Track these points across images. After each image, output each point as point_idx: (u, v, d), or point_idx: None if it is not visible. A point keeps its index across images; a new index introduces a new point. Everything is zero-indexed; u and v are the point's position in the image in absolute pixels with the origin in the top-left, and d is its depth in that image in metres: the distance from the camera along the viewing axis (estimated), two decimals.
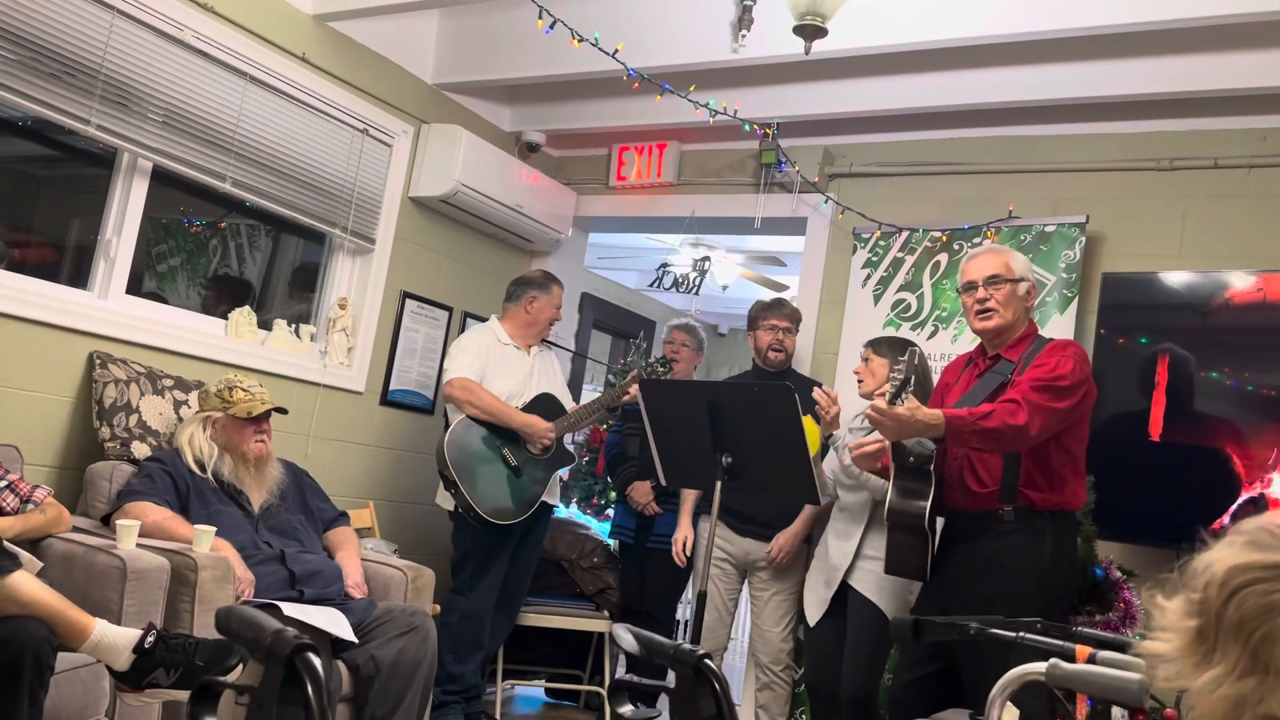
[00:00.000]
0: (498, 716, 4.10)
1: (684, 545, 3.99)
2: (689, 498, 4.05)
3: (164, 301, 3.75)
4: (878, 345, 3.46)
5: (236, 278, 4.18)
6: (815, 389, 3.20)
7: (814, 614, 3.45)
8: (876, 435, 2.99)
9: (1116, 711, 2.22)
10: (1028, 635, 1.85)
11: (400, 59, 4.35)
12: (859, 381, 3.46)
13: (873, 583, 3.27)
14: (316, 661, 1.04)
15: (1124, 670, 1.37)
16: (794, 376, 3.98)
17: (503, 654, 4.24)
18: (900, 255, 4.18)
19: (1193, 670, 0.73)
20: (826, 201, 4.39)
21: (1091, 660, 1.69)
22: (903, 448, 2.90)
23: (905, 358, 2.65)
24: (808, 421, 3.26)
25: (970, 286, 2.91)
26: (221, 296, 4.06)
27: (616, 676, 1.46)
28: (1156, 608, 0.76)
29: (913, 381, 2.61)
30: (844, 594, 3.36)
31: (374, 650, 2.95)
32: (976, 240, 3.98)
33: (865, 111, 4.14)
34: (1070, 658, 1.70)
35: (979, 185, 4.13)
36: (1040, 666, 1.35)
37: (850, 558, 3.33)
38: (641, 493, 4.34)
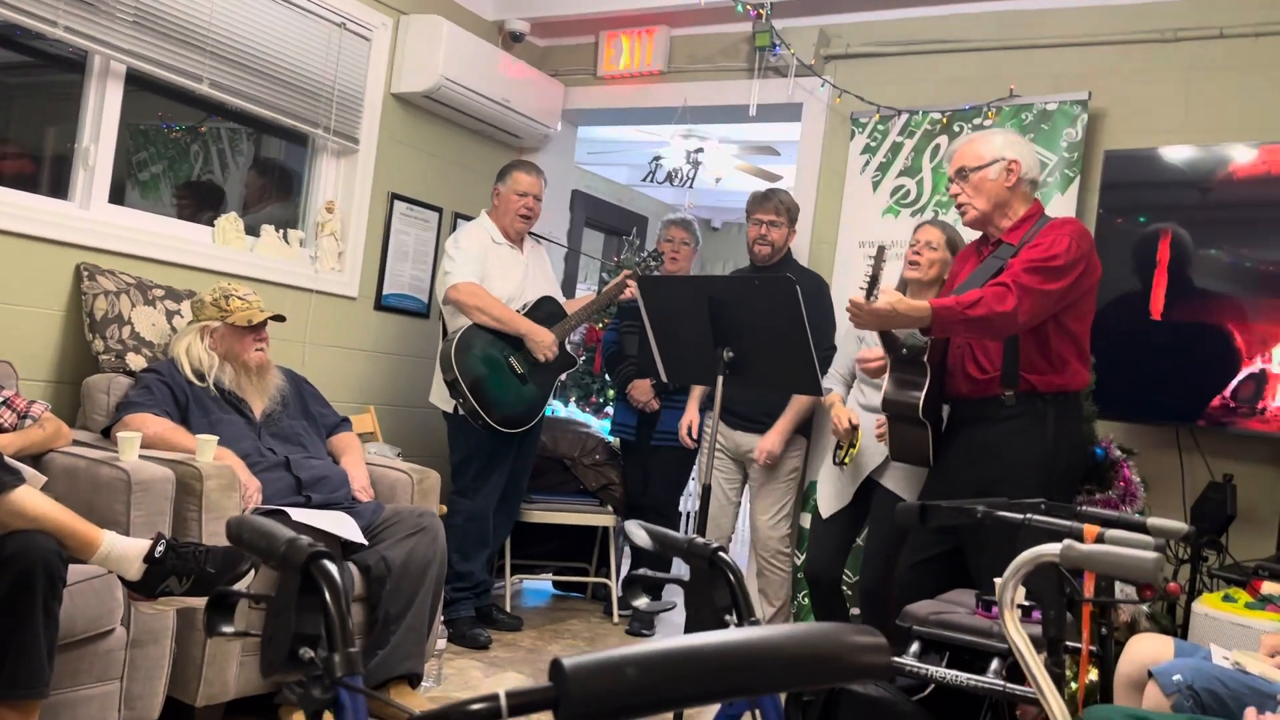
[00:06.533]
0: (508, 609, 4.18)
1: (689, 429, 4.10)
2: (697, 390, 4.16)
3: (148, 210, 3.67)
4: (934, 223, 3.34)
5: (280, 164, 4.20)
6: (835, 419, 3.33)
7: (829, 506, 3.43)
8: (879, 350, 2.97)
9: (1119, 586, 2.26)
10: (1035, 517, 1.86)
11: None
12: (912, 265, 3.25)
13: (903, 480, 3.23)
14: (333, 568, 1.03)
15: (1135, 549, 1.37)
16: (794, 269, 3.92)
17: (510, 549, 4.31)
18: (899, 139, 4.09)
19: None
20: (823, 85, 4.27)
21: (1100, 540, 1.71)
22: (895, 339, 2.88)
23: (875, 254, 2.64)
24: None
25: (950, 184, 2.93)
26: (263, 194, 4.07)
27: (631, 571, 1.46)
28: None
29: (882, 278, 2.60)
30: (866, 490, 3.34)
31: (384, 551, 2.98)
32: (977, 121, 3.89)
33: None
34: (1079, 538, 1.72)
35: (979, 63, 4.01)
36: (1054, 548, 1.35)
37: (883, 455, 3.23)
38: (642, 390, 4.34)
